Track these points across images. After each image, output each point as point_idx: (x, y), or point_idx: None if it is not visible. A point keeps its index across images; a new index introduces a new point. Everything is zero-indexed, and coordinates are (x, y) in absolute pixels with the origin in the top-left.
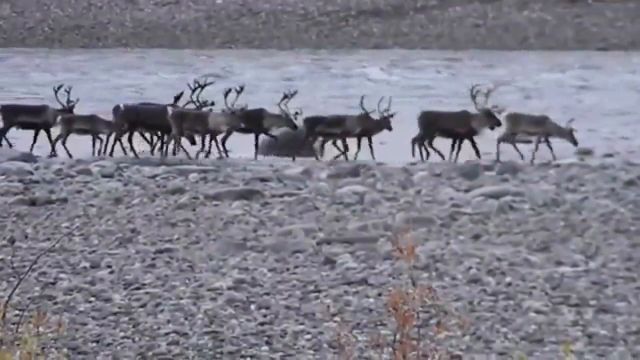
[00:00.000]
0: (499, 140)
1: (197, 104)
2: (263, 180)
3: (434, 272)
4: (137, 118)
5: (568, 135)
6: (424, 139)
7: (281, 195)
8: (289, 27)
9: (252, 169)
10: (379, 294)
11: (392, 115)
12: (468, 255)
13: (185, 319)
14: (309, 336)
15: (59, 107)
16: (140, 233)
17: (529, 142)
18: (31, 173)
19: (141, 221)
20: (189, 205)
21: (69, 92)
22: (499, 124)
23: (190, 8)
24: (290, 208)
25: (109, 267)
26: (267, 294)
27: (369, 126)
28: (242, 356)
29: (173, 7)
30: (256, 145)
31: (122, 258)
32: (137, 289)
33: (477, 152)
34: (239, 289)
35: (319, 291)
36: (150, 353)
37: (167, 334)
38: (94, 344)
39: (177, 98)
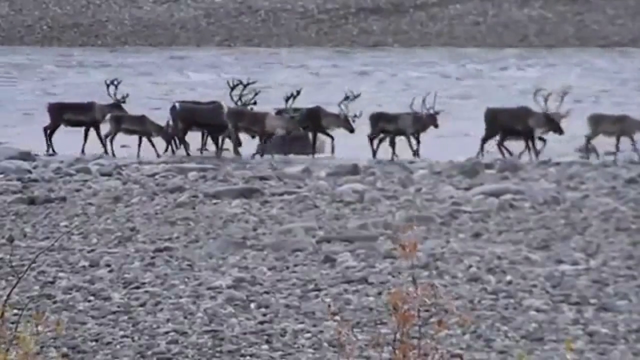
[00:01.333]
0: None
1: (240, 102)
2: (263, 178)
3: (434, 270)
4: (193, 117)
5: None
6: (488, 138)
7: (281, 194)
8: (288, 25)
9: (252, 168)
10: (379, 293)
11: (437, 113)
12: (468, 253)
13: (185, 317)
14: (308, 335)
15: (111, 102)
16: (139, 232)
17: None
18: (30, 172)
19: (140, 220)
20: (189, 204)
21: (116, 86)
22: (556, 128)
23: (190, 6)
24: (290, 206)
25: (108, 266)
26: (267, 292)
27: (421, 124)
28: (241, 355)
29: (172, 5)
30: (314, 145)
31: (122, 257)
32: (137, 287)
33: (532, 151)
34: (239, 287)
35: (319, 290)
36: (149, 352)
37: (166, 332)
38: (93, 343)
39: (245, 104)
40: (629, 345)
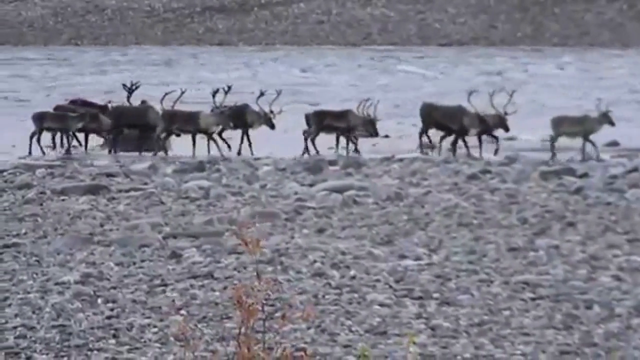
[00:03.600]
0: None
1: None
2: (109, 175)
3: (279, 265)
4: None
5: None
6: (424, 132)
7: (127, 190)
8: (134, 24)
9: (99, 164)
10: (225, 288)
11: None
12: (312, 249)
13: (33, 312)
14: (155, 329)
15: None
16: None
17: None
18: None
19: None
20: (37, 200)
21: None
22: (495, 127)
23: (37, 5)
24: (136, 203)
25: None
26: (114, 287)
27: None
28: (89, 349)
29: (19, 4)
30: (241, 142)
31: None
32: None
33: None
34: (86, 283)
35: (165, 285)
36: None
37: (14, 327)
38: None
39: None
40: (470, 339)
